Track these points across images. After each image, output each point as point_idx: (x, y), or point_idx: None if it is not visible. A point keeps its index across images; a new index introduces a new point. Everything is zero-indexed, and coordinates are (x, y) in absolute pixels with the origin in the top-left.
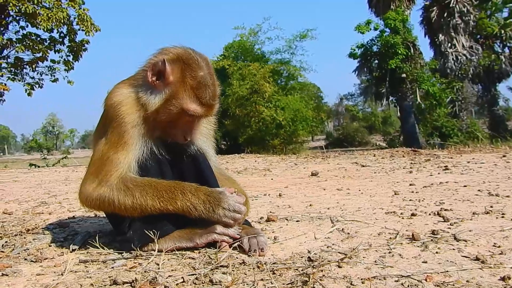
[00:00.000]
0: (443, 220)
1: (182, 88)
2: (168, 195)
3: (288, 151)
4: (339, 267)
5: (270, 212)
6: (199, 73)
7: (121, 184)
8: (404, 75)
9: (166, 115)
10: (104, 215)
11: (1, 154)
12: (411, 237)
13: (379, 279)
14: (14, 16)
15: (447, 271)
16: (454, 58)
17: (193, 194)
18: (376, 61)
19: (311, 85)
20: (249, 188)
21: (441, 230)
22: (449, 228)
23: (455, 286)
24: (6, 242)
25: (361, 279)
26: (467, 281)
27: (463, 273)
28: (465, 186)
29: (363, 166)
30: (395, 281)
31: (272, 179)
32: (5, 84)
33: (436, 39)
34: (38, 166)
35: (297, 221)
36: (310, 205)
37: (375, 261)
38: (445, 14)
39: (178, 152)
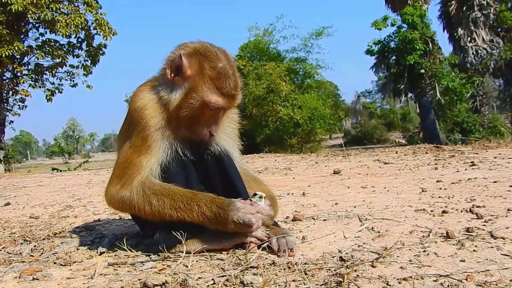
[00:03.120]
0: (476, 217)
1: (202, 81)
2: (185, 205)
3: (306, 149)
4: (373, 267)
5: (296, 211)
6: (218, 64)
7: (140, 189)
8: (422, 70)
9: (188, 111)
10: (130, 217)
11: (24, 159)
12: (445, 235)
13: (417, 279)
14: (34, 23)
15: (488, 270)
16: (474, 52)
17: (207, 207)
18: (394, 57)
19: (327, 83)
20: (271, 187)
21: (475, 227)
22: (484, 225)
23: (499, 286)
24: (35, 246)
25: (398, 279)
26: (511, 280)
27: (505, 272)
28: (495, 182)
29: (386, 163)
30: (433, 280)
31: (294, 178)
32: (27, 91)
33: (455, 34)
34: (61, 170)
35: (324, 220)
36: (336, 204)
37: (410, 260)
38: (464, 8)
39: (203, 154)
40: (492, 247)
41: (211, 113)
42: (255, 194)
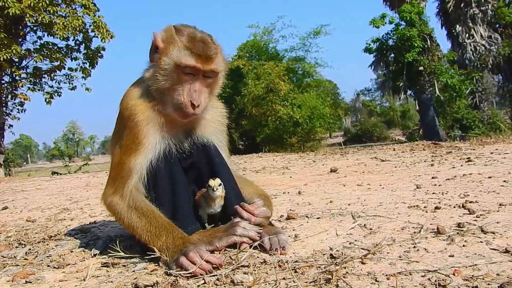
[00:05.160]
0: (468, 213)
1: (174, 47)
2: (155, 231)
3: (306, 148)
4: (363, 263)
5: (290, 210)
6: (187, 30)
7: (128, 198)
8: (421, 68)
9: (165, 79)
10: None
11: (25, 163)
12: (436, 230)
13: (405, 275)
14: (32, 26)
15: (476, 265)
16: (473, 49)
17: (172, 241)
18: (392, 55)
19: (327, 81)
20: (268, 186)
21: (467, 222)
22: (475, 220)
23: (485, 280)
24: (29, 249)
25: (386, 275)
26: (497, 274)
27: (492, 266)
28: (489, 177)
29: (383, 160)
30: (421, 276)
31: (291, 177)
32: (26, 94)
33: (453, 30)
34: (60, 174)
35: (317, 218)
36: (331, 202)
37: (400, 256)
38: (462, 5)
39: (195, 155)
40: (481, 242)
41: (188, 79)
42: (208, 186)
